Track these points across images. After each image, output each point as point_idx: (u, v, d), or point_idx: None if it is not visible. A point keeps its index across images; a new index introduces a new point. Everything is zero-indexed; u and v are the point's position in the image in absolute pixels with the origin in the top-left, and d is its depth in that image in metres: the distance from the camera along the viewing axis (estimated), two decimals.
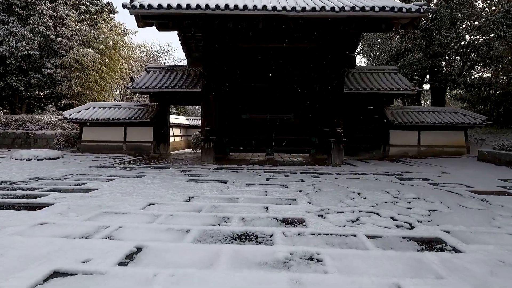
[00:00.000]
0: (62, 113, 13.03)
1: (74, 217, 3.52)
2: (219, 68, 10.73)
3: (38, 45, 17.19)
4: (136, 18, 8.40)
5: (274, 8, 7.64)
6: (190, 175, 6.91)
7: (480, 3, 15.81)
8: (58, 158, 9.98)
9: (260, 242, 2.88)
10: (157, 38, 59.77)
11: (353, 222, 3.53)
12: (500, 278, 2.24)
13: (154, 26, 8.81)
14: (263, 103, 11.78)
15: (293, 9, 7.61)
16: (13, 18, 16.95)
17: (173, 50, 47.87)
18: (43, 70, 17.42)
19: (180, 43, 12.44)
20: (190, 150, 17.18)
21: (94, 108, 13.15)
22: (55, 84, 17.74)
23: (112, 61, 19.01)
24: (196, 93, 11.61)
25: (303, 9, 7.60)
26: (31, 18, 16.74)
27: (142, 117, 12.33)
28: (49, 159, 9.64)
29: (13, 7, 16.84)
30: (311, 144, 11.90)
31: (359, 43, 13.48)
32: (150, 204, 4.18)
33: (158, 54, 30.97)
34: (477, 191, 5.26)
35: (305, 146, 12.00)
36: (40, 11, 16.89)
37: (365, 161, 10.59)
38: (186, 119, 24.23)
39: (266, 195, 4.85)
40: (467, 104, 20.99)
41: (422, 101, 24.94)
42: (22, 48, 16.28)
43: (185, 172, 7.45)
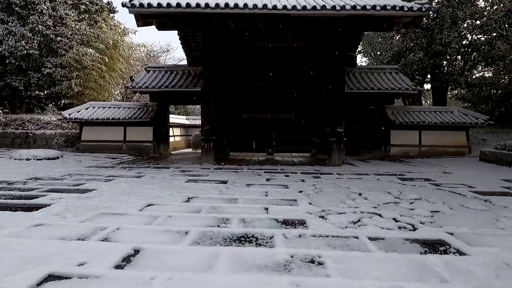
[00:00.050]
0: (62, 113, 12.99)
1: (71, 218, 3.47)
2: (219, 68, 10.67)
3: (38, 45, 17.15)
4: (136, 17, 8.36)
5: (275, 7, 7.58)
6: (190, 175, 6.86)
7: (482, 2, 15.77)
8: (57, 158, 9.93)
9: (260, 244, 2.82)
10: (157, 38, 59.74)
11: (355, 224, 3.48)
12: (506, 282, 2.19)
13: (154, 25, 8.76)
14: (264, 103, 11.72)
15: (294, 8, 7.55)
16: (13, 18, 16.92)
17: (173, 50, 48.00)
18: (43, 70, 17.39)
19: (180, 43, 12.38)
20: (190, 150, 17.14)
21: (94, 108, 13.10)
22: (55, 84, 17.70)
23: (112, 61, 18.97)
24: (196, 93, 11.56)
25: (304, 8, 7.53)
26: (31, 18, 16.70)
27: (142, 117, 12.28)
28: (48, 159, 9.59)
29: (13, 7, 16.81)
30: (312, 144, 11.84)
31: (360, 43, 13.40)
32: (149, 205, 4.13)
33: (158, 54, 30.92)
34: (480, 192, 5.21)
35: (306, 146, 11.94)
36: (40, 11, 16.85)
37: (366, 161, 10.53)
38: (187, 119, 24.19)
39: (266, 196, 4.80)
40: (468, 104, 20.92)
41: (423, 101, 24.86)
42: (22, 48, 16.24)
43: (185, 172, 7.40)
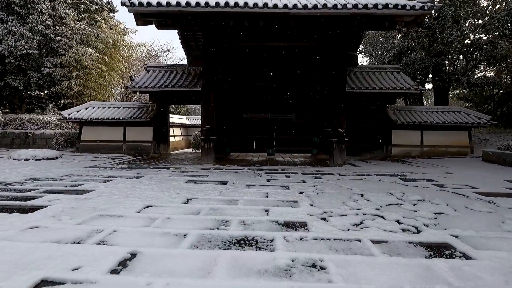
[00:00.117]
0: (61, 113, 12.92)
1: (67, 221, 3.40)
2: (220, 67, 10.60)
3: (37, 44, 17.08)
4: (135, 16, 8.29)
5: (275, 6, 7.50)
6: (189, 176, 6.78)
7: (484, 1, 15.64)
8: (57, 158, 9.87)
9: (260, 248, 2.75)
10: (158, 37, 59.61)
11: (357, 226, 3.40)
12: None
13: (154, 25, 8.69)
14: (264, 103, 11.64)
15: (295, 7, 7.47)
16: (12, 17, 16.86)
17: (174, 50, 47.88)
18: (43, 70, 17.32)
19: (180, 42, 12.30)
20: (191, 150, 17.06)
21: (94, 108, 13.04)
22: (55, 84, 17.63)
23: (112, 60, 18.89)
24: (196, 93, 11.49)
25: (305, 7, 7.45)
26: (30, 17, 16.63)
27: (142, 117, 12.21)
28: (47, 159, 9.53)
29: (12, 6, 16.75)
30: (313, 144, 11.76)
31: (361, 42, 13.31)
32: (147, 207, 4.05)
33: (159, 54, 30.88)
34: (484, 193, 5.12)
35: (307, 146, 11.86)
36: (39, 10, 16.78)
37: (367, 162, 10.45)
38: (187, 119, 24.13)
39: (267, 197, 4.72)
40: (470, 104, 20.83)
41: (424, 101, 24.76)
42: (21, 47, 16.17)
43: (185, 173, 7.33)
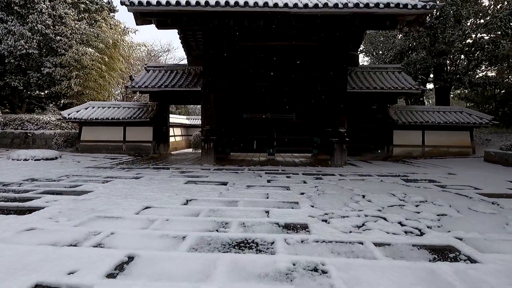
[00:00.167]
0: (61, 113, 12.88)
1: (65, 222, 3.34)
2: (220, 67, 10.54)
3: (37, 44, 17.05)
4: (135, 16, 8.23)
5: (276, 5, 7.44)
6: (189, 177, 6.72)
7: (486, 1, 15.58)
8: (56, 159, 9.82)
9: (261, 251, 2.69)
10: (158, 37, 59.60)
11: (359, 228, 3.34)
12: None
13: (153, 24, 8.63)
14: (264, 103, 11.58)
15: (295, 6, 7.41)
16: (12, 17, 16.82)
17: (174, 49, 47.88)
18: (42, 69, 17.28)
19: (180, 42, 12.24)
20: (191, 150, 17.01)
21: (94, 108, 12.99)
22: (55, 84, 17.59)
23: (112, 60, 18.85)
24: (197, 92, 11.43)
25: (306, 6, 7.39)
26: (30, 17, 16.58)
27: (142, 117, 12.16)
28: (47, 160, 9.48)
29: (12, 6, 16.71)
30: (313, 144, 11.69)
31: (362, 41, 13.24)
32: (146, 208, 4.00)
33: (159, 54, 30.86)
34: (487, 194, 5.06)
35: (307, 146, 11.80)
36: (39, 10, 16.73)
37: (369, 162, 10.38)
38: (187, 119, 24.09)
39: (267, 198, 4.66)
40: (471, 104, 20.74)
41: (425, 101, 24.67)
42: (21, 47, 16.13)
43: (184, 173, 7.27)
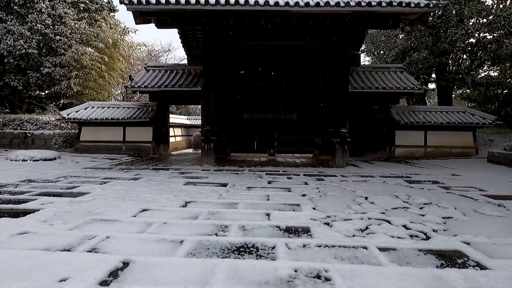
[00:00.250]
0: (60, 113, 12.80)
1: (59, 226, 3.24)
2: (220, 67, 10.45)
3: (37, 44, 16.96)
4: (134, 15, 8.14)
5: (277, 3, 7.34)
6: (189, 178, 6.63)
7: (489, 0, 15.44)
8: (55, 159, 9.73)
9: (261, 256, 2.59)
10: (158, 37, 59.52)
11: (363, 232, 3.23)
12: None
13: (153, 23, 8.54)
14: (265, 103, 11.47)
15: (296, 4, 7.31)
16: (11, 16, 16.72)
17: (175, 49, 47.85)
18: (42, 69, 17.19)
19: (180, 41, 12.15)
20: (191, 150, 16.92)
21: (93, 108, 12.91)
22: (54, 83, 17.51)
23: (112, 60, 18.77)
24: (197, 92, 11.34)
25: (307, 4, 7.30)
26: (30, 16, 16.50)
27: (142, 117, 12.07)
28: (45, 160, 9.39)
29: (11, 5, 16.63)
30: (315, 145, 11.58)
31: (364, 41, 13.13)
32: (143, 210, 3.90)
33: (159, 53, 30.79)
34: (492, 195, 4.95)
35: (308, 147, 11.68)
36: (39, 9, 16.65)
37: (370, 162, 10.27)
38: (187, 119, 24.01)
39: (268, 200, 4.56)
40: (473, 104, 20.60)
41: (427, 101, 24.55)
42: (20, 47, 16.05)
43: (184, 174, 7.17)
